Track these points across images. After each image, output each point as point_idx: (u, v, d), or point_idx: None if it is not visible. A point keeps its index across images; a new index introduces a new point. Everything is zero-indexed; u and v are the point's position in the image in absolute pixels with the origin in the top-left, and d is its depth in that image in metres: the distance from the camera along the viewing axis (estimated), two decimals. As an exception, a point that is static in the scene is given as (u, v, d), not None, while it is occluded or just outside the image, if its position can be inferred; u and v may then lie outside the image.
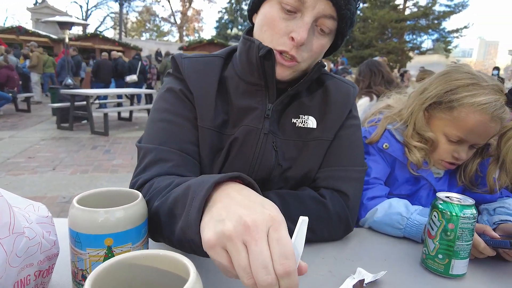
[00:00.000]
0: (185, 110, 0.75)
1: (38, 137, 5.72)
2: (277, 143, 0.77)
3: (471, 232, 0.65)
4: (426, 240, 0.69)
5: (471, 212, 0.64)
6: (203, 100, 0.75)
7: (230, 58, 0.82)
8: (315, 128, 0.79)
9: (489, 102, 0.81)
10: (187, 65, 0.77)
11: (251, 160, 0.75)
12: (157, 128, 0.74)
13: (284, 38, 0.69)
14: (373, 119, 1.03)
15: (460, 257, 0.65)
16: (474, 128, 0.83)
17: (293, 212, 0.72)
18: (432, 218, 0.68)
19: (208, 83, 0.76)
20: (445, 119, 0.87)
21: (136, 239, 0.52)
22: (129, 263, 0.37)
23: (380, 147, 0.95)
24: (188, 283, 0.32)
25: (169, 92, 0.77)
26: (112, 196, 0.57)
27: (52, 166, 4.17)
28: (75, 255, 0.50)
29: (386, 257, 0.74)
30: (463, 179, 0.96)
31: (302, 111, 0.80)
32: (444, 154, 0.90)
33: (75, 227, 0.49)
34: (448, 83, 0.87)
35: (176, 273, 0.37)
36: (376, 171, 0.95)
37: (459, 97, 0.84)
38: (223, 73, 0.79)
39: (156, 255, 0.38)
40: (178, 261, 0.37)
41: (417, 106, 0.92)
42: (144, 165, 0.69)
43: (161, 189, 0.59)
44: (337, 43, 0.78)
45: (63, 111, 6.50)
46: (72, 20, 7.69)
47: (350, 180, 0.78)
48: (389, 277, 0.63)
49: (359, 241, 0.81)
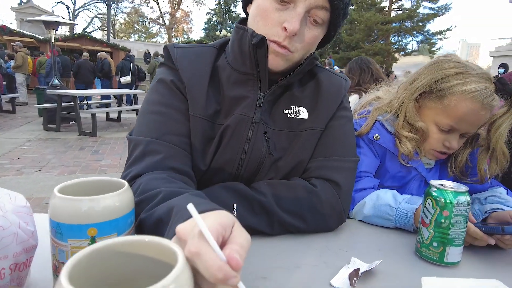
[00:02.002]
0: (176, 101, 0.74)
1: (24, 138, 5.58)
2: (268, 133, 0.76)
3: (465, 219, 0.64)
4: (420, 229, 0.68)
5: (465, 199, 0.63)
6: (195, 89, 0.74)
7: (223, 49, 0.82)
8: (306, 119, 0.79)
9: (480, 89, 0.81)
10: (180, 54, 0.76)
11: (242, 149, 0.74)
12: (148, 120, 0.73)
13: (277, 28, 0.68)
14: (362, 111, 1.02)
15: (454, 245, 0.64)
16: (465, 116, 0.83)
17: (284, 201, 0.71)
18: (426, 206, 0.67)
19: (201, 73, 0.75)
20: (436, 108, 0.87)
21: (122, 229, 0.49)
22: (111, 251, 0.34)
23: (370, 138, 0.95)
24: (175, 269, 0.30)
25: (160, 83, 0.76)
26: (95, 186, 0.54)
27: (38, 167, 4.07)
28: (56, 247, 0.47)
29: (380, 247, 0.73)
30: (453, 169, 0.96)
31: (294, 103, 0.79)
32: (435, 144, 0.90)
33: (56, 217, 0.46)
34: (438, 72, 0.87)
35: (164, 261, 0.35)
36: (365, 164, 0.94)
37: (449, 86, 0.84)
38: (215, 63, 0.78)
39: (141, 242, 0.35)
40: (166, 247, 0.34)
41: (408, 96, 0.92)
42: (134, 158, 0.69)
43: (148, 198, 0.58)
44: (330, 35, 0.77)
45: (49, 112, 6.36)
46: (58, 19, 7.52)
47: (341, 170, 0.77)
48: (384, 266, 0.62)
49: (352, 231, 0.80)
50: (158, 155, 0.67)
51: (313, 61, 0.76)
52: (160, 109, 0.73)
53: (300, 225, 0.72)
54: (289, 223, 0.71)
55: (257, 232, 0.71)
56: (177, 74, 0.75)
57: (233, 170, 0.75)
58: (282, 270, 0.60)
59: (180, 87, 0.74)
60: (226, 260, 0.33)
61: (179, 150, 0.70)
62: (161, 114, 0.72)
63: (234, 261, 0.33)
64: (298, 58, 0.73)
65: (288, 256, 0.65)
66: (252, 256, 0.64)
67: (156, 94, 0.75)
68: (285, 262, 0.63)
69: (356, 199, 0.87)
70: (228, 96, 0.76)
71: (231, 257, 0.33)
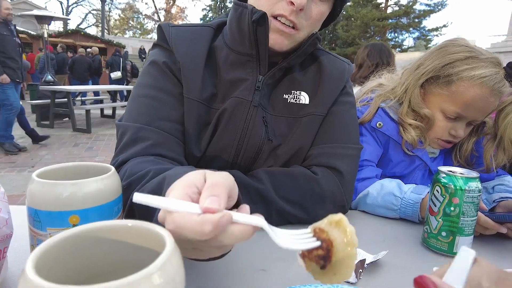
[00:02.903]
0: (169, 84, 0.69)
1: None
2: (267, 118, 0.72)
3: (476, 206, 0.60)
4: (428, 218, 0.64)
5: (476, 185, 0.59)
6: (190, 70, 0.69)
7: (220, 30, 0.77)
8: (307, 104, 0.75)
9: (490, 74, 0.77)
10: (175, 33, 0.72)
11: (240, 134, 0.70)
12: (138, 105, 0.68)
13: (282, 2, 0.64)
14: (365, 98, 0.98)
15: (465, 234, 0.60)
16: (473, 102, 0.79)
17: (284, 190, 0.67)
18: (434, 194, 0.63)
19: (197, 53, 0.71)
20: (443, 94, 0.83)
21: (108, 216, 0.45)
22: (89, 237, 0.30)
23: (373, 126, 0.91)
24: (162, 256, 0.26)
25: (152, 65, 0.71)
26: (79, 172, 0.50)
27: (31, 164, 4.00)
28: (34, 237, 0.43)
29: (385, 238, 0.69)
30: (458, 158, 0.92)
31: (294, 87, 0.75)
32: (441, 132, 0.86)
33: (34, 204, 0.42)
34: (445, 57, 0.83)
35: (150, 248, 0.31)
36: (367, 153, 0.90)
37: (457, 71, 0.80)
38: (212, 44, 0.73)
39: (123, 226, 0.31)
40: (152, 232, 0.30)
41: (413, 82, 0.88)
42: (122, 145, 0.65)
43: (137, 178, 0.55)
44: (336, 11, 0.73)
45: (43, 108, 6.27)
46: (51, 14, 7.40)
47: (344, 157, 0.73)
48: (390, 257, 0.58)
49: (355, 222, 0.76)
50: (146, 142, 0.64)
51: (316, 41, 0.71)
52: (151, 92, 0.68)
53: (300, 215, 0.68)
54: (289, 212, 0.67)
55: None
56: (171, 55, 0.70)
57: (230, 158, 0.71)
58: (282, 262, 0.56)
59: (174, 69, 0.70)
60: (202, 211, 0.31)
61: (170, 137, 0.66)
62: (152, 98, 0.68)
63: (207, 207, 0.31)
64: (303, 37, 0.68)
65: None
66: (250, 248, 0.60)
67: (147, 77, 0.71)
68: (285, 254, 0.59)
69: (358, 189, 0.84)
70: (225, 79, 0.71)
71: (203, 206, 0.31)
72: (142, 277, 0.23)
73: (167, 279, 0.25)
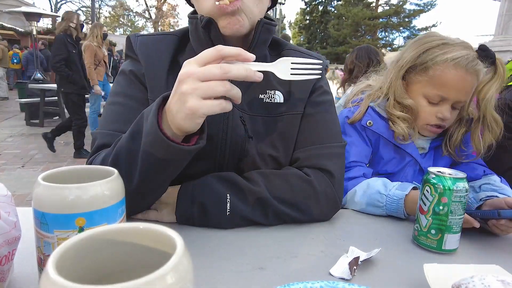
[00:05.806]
0: (136, 90, 0.73)
1: (5, 134, 5.41)
2: (245, 117, 0.74)
3: (463, 205, 0.63)
4: (418, 216, 0.67)
5: (464, 185, 0.63)
6: (154, 73, 0.73)
7: (186, 37, 0.79)
8: (282, 103, 0.77)
9: (461, 56, 0.84)
10: (140, 42, 0.76)
11: (220, 137, 0.72)
12: (108, 112, 0.73)
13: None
14: (356, 99, 1.02)
15: (453, 231, 0.63)
16: (451, 83, 0.86)
17: (279, 191, 0.69)
18: (424, 193, 0.66)
19: (160, 58, 0.74)
20: (423, 80, 0.90)
21: (113, 218, 0.46)
22: (103, 239, 0.32)
23: (363, 125, 0.95)
24: (174, 257, 0.28)
25: (120, 74, 0.77)
26: (83, 174, 0.51)
27: (21, 163, 3.95)
28: (41, 239, 0.44)
29: (377, 236, 0.72)
30: (448, 148, 0.96)
31: (268, 86, 0.77)
32: (428, 117, 0.91)
33: (41, 207, 0.43)
34: (420, 46, 0.90)
35: (161, 249, 0.32)
36: (354, 154, 0.93)
37: (432, 57, 0.87)
38: (178, 52, 0.76)
39: (135, 229, 0.33)
40: (162, 234, 0.32)
41: (395, 75, 0.94)
42: (92, 151, 0.69)
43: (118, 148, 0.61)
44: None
45: (32, 106, 6.17)
46: (39, 11, 7.29)
47: (331, 157, 0.76)
48: (382, 255, 0.61)
49: (347, 221, 0.78)
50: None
51: (269, 27, 0.71)
52: (119, 100, 0.73)
53: (295, 215, 0.70)
54: (284, 212, 0.69)
55: (252, 222, 0.69)
56: (138, 63, 0.75)
57: (216, 158, 0.72)
58: (279, 260, 0.59)
59: (139, 76, 0.73)
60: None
61: None
62: (120, 105, 0.72)
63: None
64: (250, 15, 0.67)
65: (284, 246, 0.63)
66: (248, 247, 0.62)
67: (117, 86, 0.76)
68: (282, 252, 0.61)
69: (346, 188, 0.87)
70: None
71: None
72: (157, 277, 0.25)
73: (178, 279, 0.27)
